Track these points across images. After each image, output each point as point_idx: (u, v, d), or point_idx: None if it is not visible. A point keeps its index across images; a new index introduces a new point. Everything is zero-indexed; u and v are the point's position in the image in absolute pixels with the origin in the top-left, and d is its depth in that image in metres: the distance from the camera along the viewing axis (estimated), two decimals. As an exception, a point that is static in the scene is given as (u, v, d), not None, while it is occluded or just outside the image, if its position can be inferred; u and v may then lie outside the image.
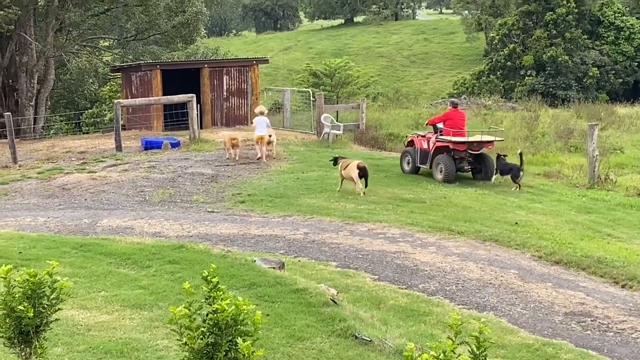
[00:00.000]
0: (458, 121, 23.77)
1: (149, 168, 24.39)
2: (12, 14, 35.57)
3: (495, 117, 40.08)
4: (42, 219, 17.58)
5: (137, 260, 11.89)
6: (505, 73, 72.30)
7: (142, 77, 36.65)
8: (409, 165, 24.55)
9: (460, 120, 23.91)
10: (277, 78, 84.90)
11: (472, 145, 23.32)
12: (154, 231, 16.20)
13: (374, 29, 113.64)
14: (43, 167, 25.50)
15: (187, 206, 19.40)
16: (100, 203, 19.90)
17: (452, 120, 23.67)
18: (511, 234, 16.09)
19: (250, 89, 37.06)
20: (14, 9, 35.71)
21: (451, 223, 16.94)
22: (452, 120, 23.70)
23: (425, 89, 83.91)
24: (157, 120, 35.27)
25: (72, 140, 33.50)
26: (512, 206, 19.50)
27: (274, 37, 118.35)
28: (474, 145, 23.34)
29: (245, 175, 23.33)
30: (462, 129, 23.81)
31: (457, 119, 23.79)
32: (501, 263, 14.01)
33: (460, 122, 23.85)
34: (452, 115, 23.92)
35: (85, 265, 11.47)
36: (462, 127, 23.89)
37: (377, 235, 15.91)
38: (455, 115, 23.93)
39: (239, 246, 14.76)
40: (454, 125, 23.53)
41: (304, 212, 18.14)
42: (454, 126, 23.52)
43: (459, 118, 23.94)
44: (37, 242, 13.25)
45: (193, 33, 48.89)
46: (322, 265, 13.45)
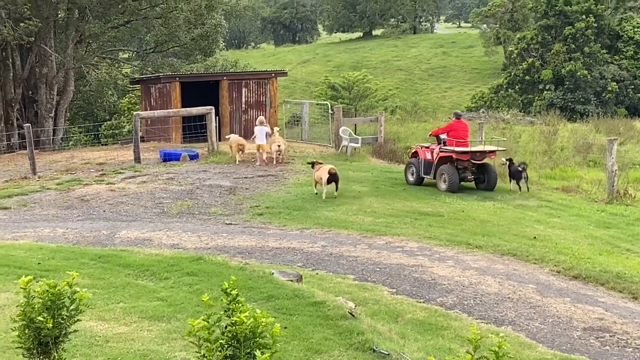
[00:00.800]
0: (461, 132, 24.16)
1: (168, 180, 24.45)
2: (33, 25, 35.81)
3: (514, 131, 39.99)
4: (61, 230, 17.63)
5: (155, 272, 11.90)
6: (524, 87, 72.11)
7: (161, 89, 36.79)
8: (413, 176, 24.89)
9: (463, 131, 24.27)
10: (295, 91, 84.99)
11: (475, 155, 23.67)
12: (172, 243, 16.21)
13: (393, 42, 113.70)
14: (62, 178, 25.59)
15: (205, 218, 19.42)
16: (118, 214, 19.95)
17: (456, 131, 24.07)
18: (529, 248, 16.03)
19: (268, 101, 37.15)
20: (34, 21, 35.95)
21: (469, 237, 16.88)
22: (455, 131, 24.10)
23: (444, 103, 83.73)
24: (175, 132, 35.39)
25: (91, 151, 33.65)
26: (530, 220, 19.43)
27: (292, 50, 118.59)
28: (477, 155, 23.70)
29: (263, 188, 23.35)
30: (465, 140, 24.18)
31: (460, 130, 24.18)
32: (519, 277, 13.95)
33: (463, 132, 24.22)
34: (455, 126, 24.31)
35: (103, 277, 11.49)
36: (465, 137, 24.25)
37: (395, 249, 15.87)
38: (459, 126, 24.31)
39: (256, 258, 14.75)
40: (457, 136, 23.95)
41: (322, 225, 18.12)
42: (457, 137, 23.93)
43: (462, 129, 24.30)
44: (56, 253, 13.28)
45: (212, 45, 49.16)
46: (339, 278, 13.42)
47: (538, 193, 24.15)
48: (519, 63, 74.08)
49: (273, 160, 28.15)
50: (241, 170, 26.28)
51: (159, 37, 47.52)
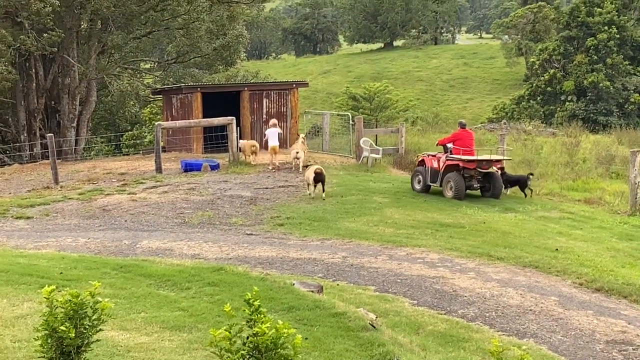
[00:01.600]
0: (467, 141, 24.58)
1: (189, 190, 24.51)
2: (56, 36, 36.06)
3: (536, 142, 39.87)
4: (82, 240, 17.70)
5: (176, 282, 11.92)
6: (546, 98, 71.92)
7: (183, 100, 36.92)
8: (420, 184, 25.28)
9: (469, 140, 24.69)
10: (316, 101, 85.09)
11: (481, 164, 24.11)
12: (193, 253, 16.24)
13: (414, 53, 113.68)
14: (84, 188, 25.71)
15: (226, 228, 19.45)
16: (140, 224, 20.01)
17: (462, 140, 24.50)
18: (551, 260, 15.96)
19: (289, 112, 37.18)
20: (57, 32, 36.19)
21: (491, 249, 16.84)
22: (461, 140, 24.52)
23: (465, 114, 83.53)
24: (197, 142, 35.49)
25: (112, 161, 33.80)
26: (552, 232, 19.35)
27: (313, 61, 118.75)
28: (483, 163, 24.14)
29: (284, 198, 23.36)
30: (471, 148, 24.60)
31: (466, 139, 24.60)
32: (541, 290, 13.90)
33: (469, 141, 24.64)
34: (461, 135, 24.72)
35: (125, 287, 11.52)
36: (470, 146, 24.67)
37: (416, 260, 15.84)
38: (464, 135, 24.74)
39: (277, 269, 14.75)
40: (463, 145, 24.40)
41: (343, 236, 18.12)
42: (463, 145, 24.39)
43: (468, 138, 24.73)
44: (78, 262, 13.34)
45: (233, 56, 49.33)
46: (360, 290, 13.41)
47: (560, 205, 24.06)
48: (540, 74, 73.91)
49: (292, 167, 28.42)
50: (262, 181, 26.33)
51: (181, 47, 47.68)
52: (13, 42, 35.43)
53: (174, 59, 50.40)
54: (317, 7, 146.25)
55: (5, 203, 23.00)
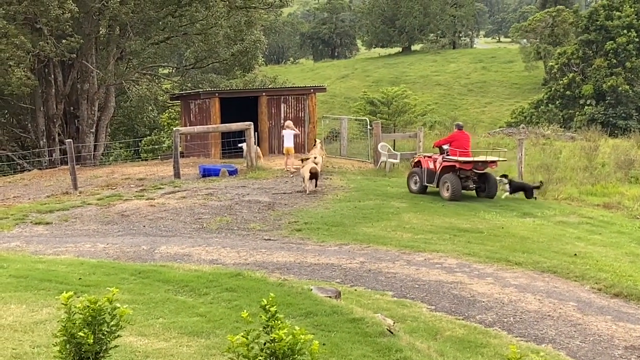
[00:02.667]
0: (463, 142, 25.12)
1: (207, 195, 24.57)
2: (75, 42, 36.23)
3: (554, 146, 39.73)
4: (101, 245, 17.77)
5: (194, 288, 11.96)
6: (565, 102, 71.68)
7: (201, 105, 37.03)
8: (416, 185, 25.79)
9: (465, 141, 25.22)
10: (334, 106, 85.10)
11: (477, 165, 24.63)
12: (211, 258, 16.28)
13: (432, 57, 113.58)
14: (102, 193, 25.81)
15: (244, 234, 19.49)
16: (158, 230, 20.07)
17: (458, 141, 25.07)
18: (570, 265, 15.92)
19: (307, 117, 37.23)
20: (76, 38, 36.37)
21: (509, 254, 16.80)
22: (457, 141, 25.09)
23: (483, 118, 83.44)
24: (215, 147, 35.57)
25: (131, 167, 33.92)
26: (571, 237, 19.29)
27: (331, 65, 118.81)
28: (479, 164, 24.66)
29: (301, 204, 23.39)
30: (467, 150, 25.10)
31: (462, 140, 25.15)
32: (560, 295, 13.86)
33: (465, 143, 25.17)
34: (458, 136, 25.29)
35: (143, 292, 11.57)
36: (467, 147, 25.18)
37: (434, 265, 15.83)
38: (461, 136, 25.29)
39: (295, 274, 14.78)
40: (459, 146, 24.94)
41: (361, 241, 18.12)
42: (459, 147, 24.93)
43: (464, 139, 25.25)
44: (97, 268, 13.41)
45: (251, 61, 49.45)
46: (378, 295, 13.41)
47: (579, 209, 23.99)
48: (559, 78, 73.69)
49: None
50: (280, 186, 26.37)
51: (199, 53, 47.90)
52: (32, 49, 35.62)
53: (192, 64, 50.59)
54: (335, 12, 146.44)
55: (24, 208, 23.14)
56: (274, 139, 36.69)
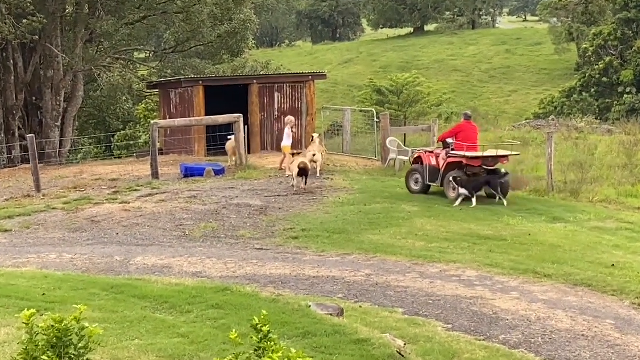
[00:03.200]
0: (471, 134, 24.84)
1: (190, 198, 24.58)
2: (37, 22, 36.16)
3: (589, 141, 39.78)
4: (68, 256, 17.77)
5: (175, 304, 11.97)
6: (601, 90, 71.71)
7: (183, 95, 37.04)
8: (418, 185, 25.70)
9: (473, 133, 24.99)
10: (335, 95, 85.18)
11: (487, 161, 24.38)
12: (195, 271, 16.30)
13: (448, 39, 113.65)
14: (70, 196, 25.81)
15: (233, 242, 19.50)
16: (133, 238, 20.08)
17: (465, 133, 24.76)
18: (607, 277, 15.91)
19: (305, 108, 37.23)
20: (38, 17, 36.29)
21: (537, 264, 16.81)
22: (464, 132, 24.80)
23: (507, 109, 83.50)
24: (198, 143, 35.58)
25: (102, 165, 33.93)
26: (608, 245, 19.29)
27: (332, 49, 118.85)
28: (489, 160, 24.41)
29: (298, 207, 23.40)
30: (475, 144, 24.85)
31: (469, 132, 24.87)
32: (595, 312, 13.86)
33: (473, 135, 24.92)
34: (465, 127, 25.02)
35: (116, 310, 11.58)
36: (475, 141, 24.94)
37: (451, 278, 15.84)
38: (468, 128, 25.02)
39: (291, 289, 14.79)
40: (466, 139, 24.61)
41: (366, 251, 18.13)
42: (466, 140, 24.60)
43: (472, 131, 25.00)
44: (63, 282, 13.41)
45: (240, 44, 49.40)
46: (386, 312, 13.42)
47: (617, 214, 24.01)
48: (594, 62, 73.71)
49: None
50: (274, 187, 26.39)
51: (180, 34, 47.83)
52: (-13, 30, 35.64)
53: (173, 47, 50.54)
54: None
55: (-21, 214, 23.16)
56: (267, 133, 36.71)
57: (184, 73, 45.04)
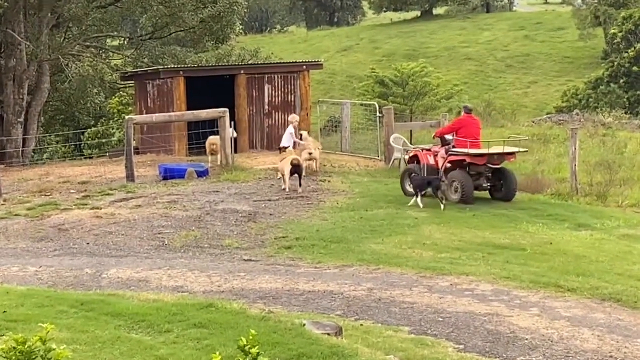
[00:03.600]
0: (473, 129, 25.16)
1: (169, 203, 24.59)
2: (-3, 6, 36.14)
3: (617, 138, 39.83)
4: (32, 269, 17.76)
5: (153, 323, 11.96)
6: (631, 81, 71.75)
7: (161, 87, 37.05)
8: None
9: (475, 128, 25.34)
10: (333, 87, 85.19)
11: (492, 158, 24.63)
12: (175, 285, 16.30)
13: (459, 24, 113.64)
14: (34, 201, 25.81)
15: (217, 253, 19.50)
16: (106, 248, 20.08)
17: (466, 128, 25.05)
18: (638, 291, 15.94)
19: (298, 101, 37.25)
20: (-1, 0, 36.29)
21: (559, 277, 16.82)
22: (465, 128, 25.09)
23: (526, 101, 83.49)
24: (179, 141, 35.58)
25: (70, 166, 33.92)
26: (639, 255, 19.32)
27: (329, 35, 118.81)
28: (494, 158, 24.67)
29: (292, 213, 23.42)
30: (477, 139, 25.10)
31: (471, 127, 25.19)
32: (625, 330, 13.87)
33: (475, 130, 25.24)
34: (466, 122, 25.34)
35: (87, 329, 11.57)
36: (477, 136, 25.23)
37: (463, 292, 15.85)
38: (470, 122, 25.36)
39: (283, 305, 14.79)
40: (468, 135, 24.92)
41: (368, 262, 18.14)
42: (468, 135, 24.91)
43: (474, 126, 25.34)
44: (27, 298, 13.39)
45: (226, 29, 49.30)
46: (390, 331, 13.42)
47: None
48: (624, 50, 73.75)
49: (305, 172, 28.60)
50: (264, 191, 26.40)
51: (158, 19, 47.77)
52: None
53: (150, 34, 50.52)
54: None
55: None
56: (256, 130, 36.72)
57: (162, 62, 44.98)
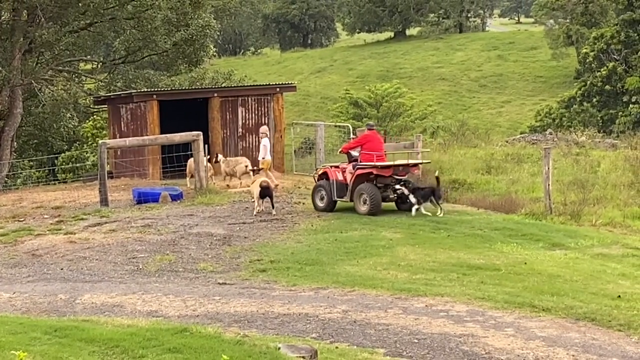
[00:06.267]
0: (377, 144, 26.44)
1: (143, 227, 24.55)
2: (-31, 31, 36.08)
3: (591, 157, 39.94)
4: (5, 295, 17.71)
5: (127, 349, 11.94)
6: (604, 100, 72.13)
7: (134, 110, 37.00)
8: (323, 201, 27.01)
9: (379, 143, 26.67)
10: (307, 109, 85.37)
11: (398, 170, 26.08)
12: (150, 310, 16.27)
13: (432, 45, 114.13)
14: (7, 227, 25.72)
15: (192, 277, 19.48)
16: (80, 273, 20.02)
17: (371, 143, 26.30)
18: (612, 310, 15.98)
19: (272, 124, 37.25)
20: (-30, 25, 36.21)
21: (534, 297, 16.86)
22: (370, 142, 26.33)
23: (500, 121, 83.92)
24: (153, 165, 35.52)
25: (44, 192, 33.82)
26: (613, 274, 19.38)
27: (303, 56, 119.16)
28: (400, 169, 26.10)
29: (266, 236, 23.41)
30: (382, 153, 26.47)
31: (376, 142, 26.45)
32: (600, 349, 13.91)
33: (379, 145, 26.56)
34: (370, 138, 26.53)
35: (61, 356, 11.54)
36: (381, 150, 26.56)
37: (438, 314, 15.87)
38: (374, 137, 26.63)
39: (258, 329, 14.78)
40: (373, 149, 26.13)
41: (343, 284, 18.14)
42: (373, 149, 26.07)
43: (378, 141, 26.65)
44: (0, 325, 13.35)
45: (199, 52, 49.27)
46: (366, 353, 13.42)
47: (623, 238, 24.12)
48: (596, 69, 74.15)
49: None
50: (238, 214, 26.39)
51: (131, 43, 47.75)
52: None
53: (123, 57, 50.47)
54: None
55: None
56: (230, 152, 36.69)
57: (135, 86, 44.93)
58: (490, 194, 31.12)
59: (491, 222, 25.57)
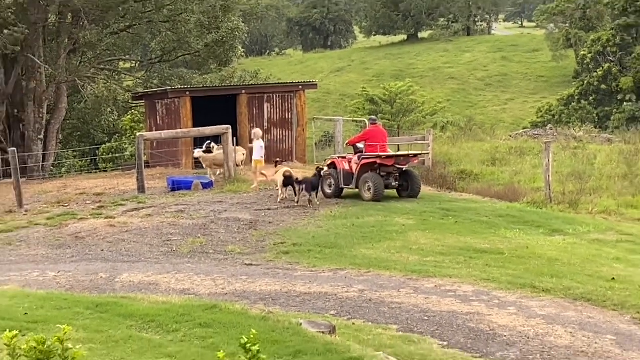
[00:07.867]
0: (380, 137, 26.89)
1: (177, 213, 24.56)
2: (19, 33, 36.07)
3: (588, 151, 39.82)
4: (51, 274, 17.73)
5: (162, 323, 11.93)
6: (600, 98, 71.81)
7: (169, 106, 37.01)
8: (331, 188, 27.44)
9: (382, 136, 27.08)
10: (327, 105, 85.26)
11: (400, 160, 26.63)
12: (182, 288, 16.26)
13: (443, 46, 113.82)
14: (53, 211, 25.76)
15: (221, 258, 19.47)
16: (119, 254, 20.04)
17: (374, 137, 26.82)
18: (607, 291, 15.91)
19: (295, 118, 37.22)
20: (20, 27, 36.18)
21: (535, 278, 16.80)
22: (374, 137, 26.83)
23: (504, 117, 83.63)
24: (186, 156, 35.52)
25: (86, 179, 33.85)
26: (608, 258, 19.30)
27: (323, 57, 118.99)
28: (401, 160, 26.67)
29: (289, 221, 23.38)
30: (385, 145, 27.01)
31: (379, 135, 26.90)
32: (595, 327, 13.85)
33: (382, 138, 27.00)
34: (373, 132, 27.07)
35: (101, 329, 11.54)
36: (384, 142, 27.10)
37: (446, 293, 15.83)
38: (377, 131, 27.11)
39: (282, 306, 14.76)
40: (377, 141, 26.64)
41: (359, 266, 18.11)
42: (377, 142, 26.64)
43: (380, 134, 27.07)
44: (46, 301, 13.36)
45: (229, 53, 49.34)
46: (380, 329, 13.39)
47: (617, 225, 24.02)
48: (593, 69, 73.83)
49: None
50: (263, 201, 26.38)
51: (167, 44, 47.83)
52: (-32, 41, 35.56)
53: (159, 57, 50.56)
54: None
55: (-41, 231, 23.11)
56: (256, 144, 36.63)
57: (170, 83, 44.98)
58: (495, 184, 31.12)
59: (496, 210, 25.52)
